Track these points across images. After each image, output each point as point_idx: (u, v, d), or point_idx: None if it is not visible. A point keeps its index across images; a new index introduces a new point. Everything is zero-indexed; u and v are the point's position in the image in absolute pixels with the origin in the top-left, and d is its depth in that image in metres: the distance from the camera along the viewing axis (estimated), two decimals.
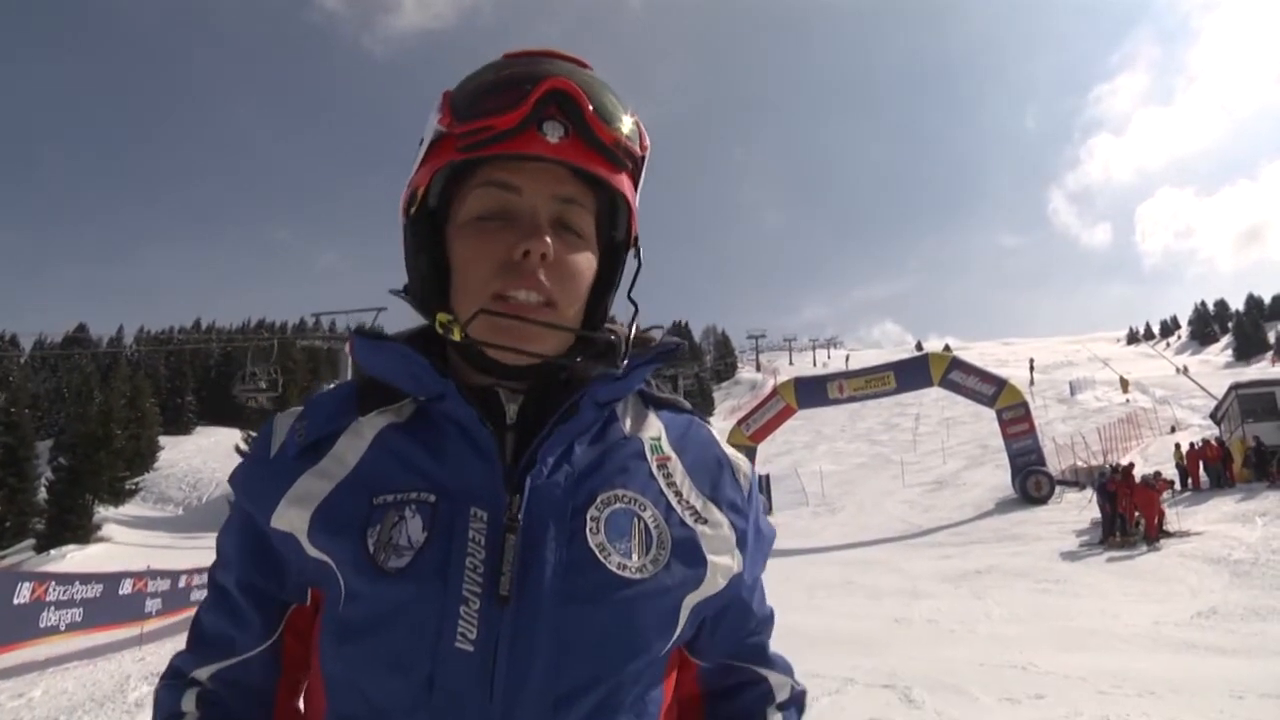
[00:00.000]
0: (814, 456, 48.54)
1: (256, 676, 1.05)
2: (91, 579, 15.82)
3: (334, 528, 0.95)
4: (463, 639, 0.88)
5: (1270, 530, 16.26)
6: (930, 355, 36.48)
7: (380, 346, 1.04)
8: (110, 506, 40.80)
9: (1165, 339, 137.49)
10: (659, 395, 1.13)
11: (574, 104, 0.94)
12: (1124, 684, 6.97)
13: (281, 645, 1.05)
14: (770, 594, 1.19)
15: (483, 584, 0.89)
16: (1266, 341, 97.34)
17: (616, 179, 0.99)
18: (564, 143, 0.93)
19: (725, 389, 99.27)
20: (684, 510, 1.01)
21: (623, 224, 1.07)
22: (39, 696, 9.11)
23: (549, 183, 0.97)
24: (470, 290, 0.97)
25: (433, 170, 0.99)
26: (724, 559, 1.03)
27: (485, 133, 0.93)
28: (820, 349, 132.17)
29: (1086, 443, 33.80)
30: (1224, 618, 10.26)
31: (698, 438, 1.11)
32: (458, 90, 0.99)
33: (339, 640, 0.94)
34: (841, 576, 16.19)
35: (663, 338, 1.12)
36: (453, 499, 0.93)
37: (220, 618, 1.05)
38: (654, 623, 0.95)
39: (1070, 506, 24.55)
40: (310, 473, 0.99)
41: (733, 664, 1.14)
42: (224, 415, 66.86)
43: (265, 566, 1.03)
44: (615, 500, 0.97)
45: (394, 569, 0.90)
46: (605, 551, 0.93)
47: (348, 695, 0.93)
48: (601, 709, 0.91)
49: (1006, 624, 10.91)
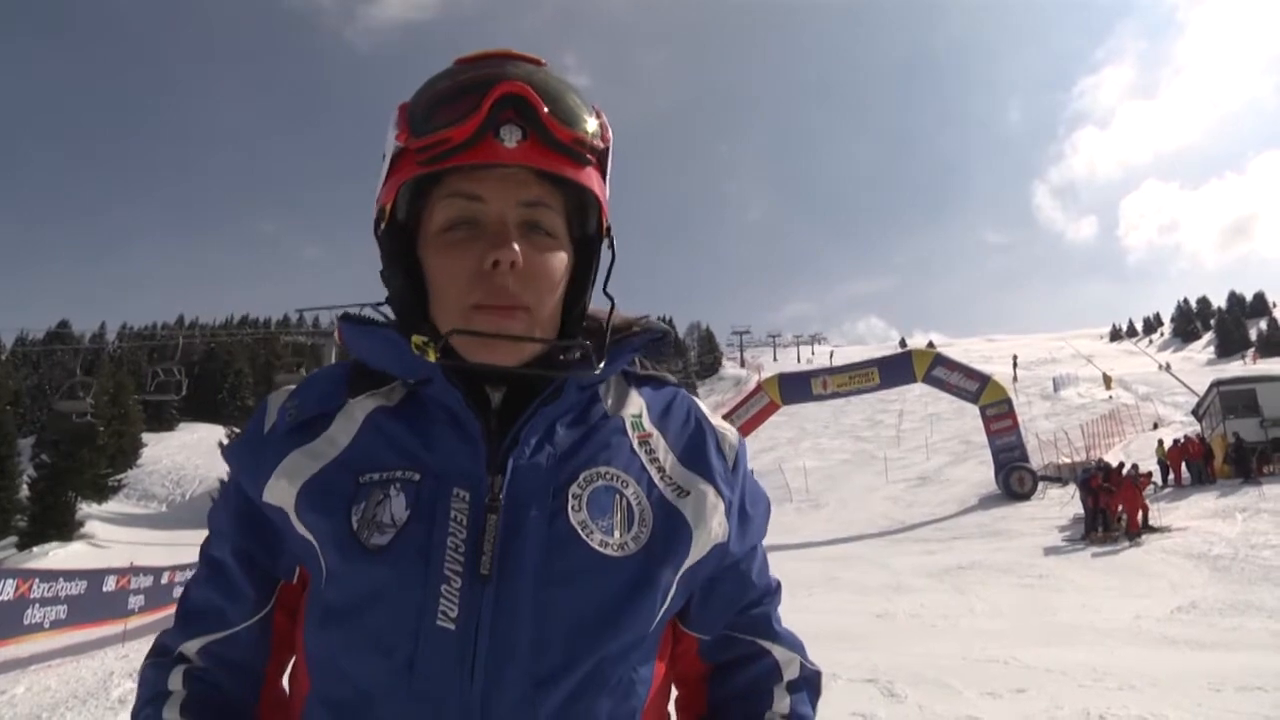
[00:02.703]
0: (798, 452, 48.54)
1: (246, 652, 1.05)
2: (75, 576, 15.71)
3: (320, 504, 0.96)
4: (444, 617, 0.89)
5: (1250, 526, 16.43)
6: (914, 352, 36.64)
7: (368, 332, 1.05)
8: (93, 503, 40.43)
9: (1148, 336, 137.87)
10: (641, 372, 1.14)
11: (529, 106, 0.93)
12: (1105, 677, 7.02)
13: (272, 620, 1.05)
14: None
15: (464, 563, 0.90)
16: (1248, 339, 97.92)
17: (581, 175, 0.98)
18: (522, 146, 0.93)
19: (709, 385, 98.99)
20: (666, 486, 1.02)
21: (593, 218, 1.06)
22: (21, 694, 9.03)
23: (513, 188, 0.97)
24: (447, 303, 0.98)
25: (396, 186, 0.99)
26: (709, 528, 1.03)
27: (443, 145, 0.93)
28: (804, 345, 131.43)
29: (1069, 439, 33.99)
30: (1203, 612, 10.36)
31: (680, 411, 1.12)
32: (412, 102, 0.99)
33: (321, 621, 0.95)
34: (825, 572, 16.20)
35: (646, 325, 1.12)
36: (436, 479, 0.95)
37: (212, 590, 1.06)
38: (637, 600, 0.95)
39: (1053, 502, 24.72)
40: (301, 450, 1.00)
41: (733, 635, 1.13)
42: (207, 412, 66.41)
43: (259, 538, 1.04)
44: (597, 478, 0.98)
45: (376, 546, 0.92)
46: (587, 529, 0.94)
47: (330, 676, 0.94)
48: (584, 688, 0.92)
49: (989, 619, 10.97)
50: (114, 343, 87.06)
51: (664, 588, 0.98)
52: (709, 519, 1.03)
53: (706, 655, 1.13)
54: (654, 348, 1.12)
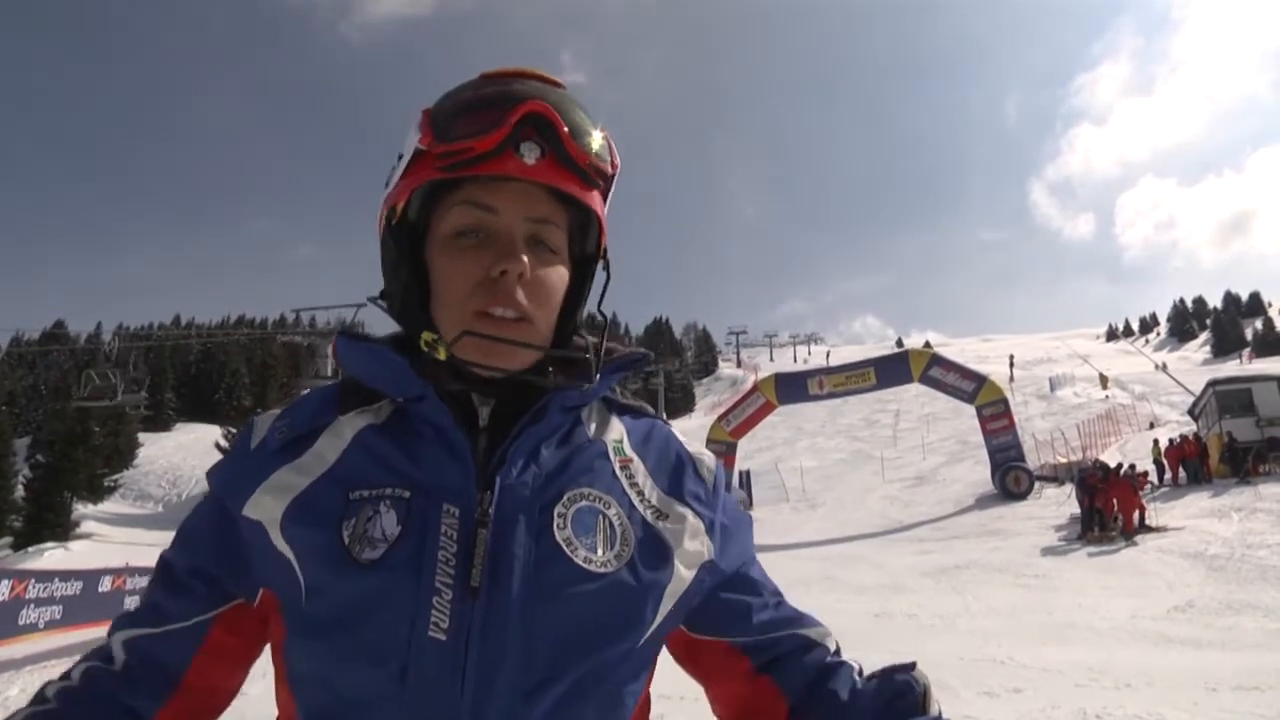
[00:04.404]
0: (794, 452, 48.73)
1: (170, 654, 1.01)
2: (70, 576, 15.69)
3: (309, 519, 0.96)
4: (435, 628, 0.90)
5: (1246, 525, 16.44)
6: (910, 352, 36.68)
7: (363, 348, 1.06)
8: (89, 504, 40.34)
9: (1144, 336, 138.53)
10: (622, 401, 1.18)
11: (550, 126, 0.97)
12: (1101, 677, 7.05)
13: (208, 630, 1.03)
14: None
15: (454, 576, 0.91)
16: (1244, 338, 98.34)
17: (589, 197, 1.03)
18: (540, 164, 0.98)
19: (706, 385, 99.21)
20: (646, 509, 1.04)
21: (593, 238, 1.11)
22: (16, 695, 9.04)
23: (525, 202, 1.00)
24: (450, 305, 1.01)
25: (412, 186, 1.02)
26: (692, 547, 1.05)
27: (465, 154, 0.97)
28: (801, 345, 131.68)
29: (1066, 439, 34.13)
30: (1200, 612, 10.38)
31: (659, 440, 1.15)
32: (436, 109, 1.02)
33: (305, 637, 0.95)
34: (822, 572, 16.26)
35: (629, 350, 1.16)
36: (427, 495, 0.96)
37: (156, 589, 1.05)
38: (622, 615, 0.97)
39: (1049, 502, 24.74)
40: (289, 467, 1.01)
41: (772, 636, 1.11)
42: (204, 412, 66.42)
43: (222, 551, 1.03)
44: (581, 498, 1.00)
45: (368, 560, 0.92)
46: (572, 546, 0.96)
47: (317, 692, 0.94)
48: (571, 699, 0.92)
49: (986, 618, 11.00)
50: (110, 343, 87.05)
51: (649, 604, 1.00)
52: (689, 539, 1.05)
53: (760, 667, 1.10)
54: (635, 368, 1.16)
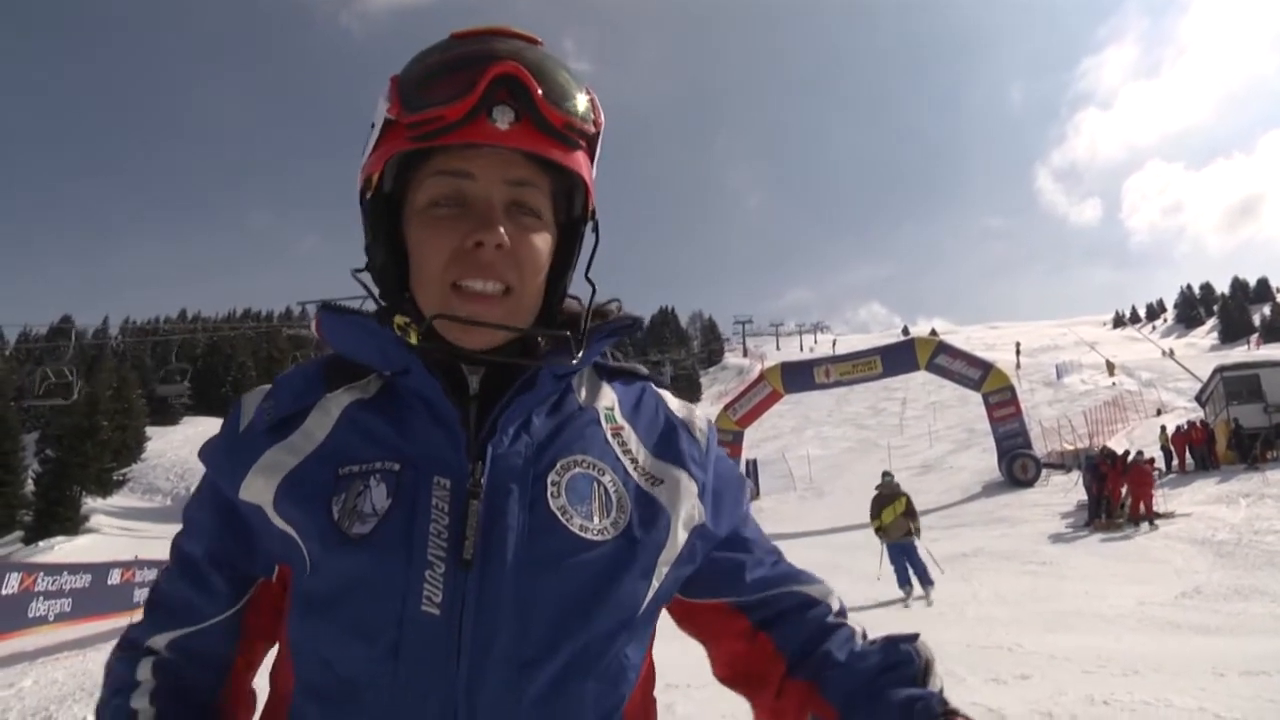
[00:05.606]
0: (801, 441, 48.64)
1: (215, 646, 1.04)
2: (80, 569, 15.83)
3: (300, 497, 0.95)
4: (428, 603, 0.88)
5: (1253, 511, 16.44)
6: (917, 340, 36.60)
7: (347, 321, 1.04)
8: (98, 498, 40.43)
9: (1151, 322, 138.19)
10: (612, 365, 1.14)
11: (522, 88, 0.92)
12: (1109, 663, 7.02)
13: (243, 617, 1.05)
14: None
15: (447, 549, 0.90)
16: (1251, 324, 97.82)
17: (570, 159, 0.98)
18: (515, 128, 0.93)
19: (712, 374, 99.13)
20: (639, 475, 1.03)
21: (579, 201, 1.06)
22: (29, 686, 9.07)
23: (502, 167, 0.96)
24: (427, 279, 0.98)
25: (384, 157, 0.98)
26: (686, 511, 1.03)
27: (435, 123, 0.92)
28: (807, 334, 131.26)
29: (1073, 426, 33.98)
30: (1207, 598, 10.37)
31: (649, 404, 1.13)
32: (404, 75, 0.98)
33: (304, 613, 0.95)
34: (829, 560, 16.23)
35: (620, 313, 1.12)
36: (416, 467, 0.94)
37: (184, 586, 1.05)
38: (620, 582, 0.95)
39: (1056, 489, 24.73)
40: (278, 446, 1.00)
41: (771, 594, 1.10)
42: (211, 406, 66.48)
43: (234, 537, 1.03)
44: (574, 465, 0.98)
45: (358, 535, 0.91)
46: (567, 514, 0.94)
47: (314, 666, 0.93)
48: (570, 670, 0.91)
49: (993, 605, 10.99)
50: (117, 337, 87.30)
51: (647, 571, 0.98)
52: (684, 502, 1.03)
53: (758, 624, 1.09)
54: (625, 334, 1.12)
